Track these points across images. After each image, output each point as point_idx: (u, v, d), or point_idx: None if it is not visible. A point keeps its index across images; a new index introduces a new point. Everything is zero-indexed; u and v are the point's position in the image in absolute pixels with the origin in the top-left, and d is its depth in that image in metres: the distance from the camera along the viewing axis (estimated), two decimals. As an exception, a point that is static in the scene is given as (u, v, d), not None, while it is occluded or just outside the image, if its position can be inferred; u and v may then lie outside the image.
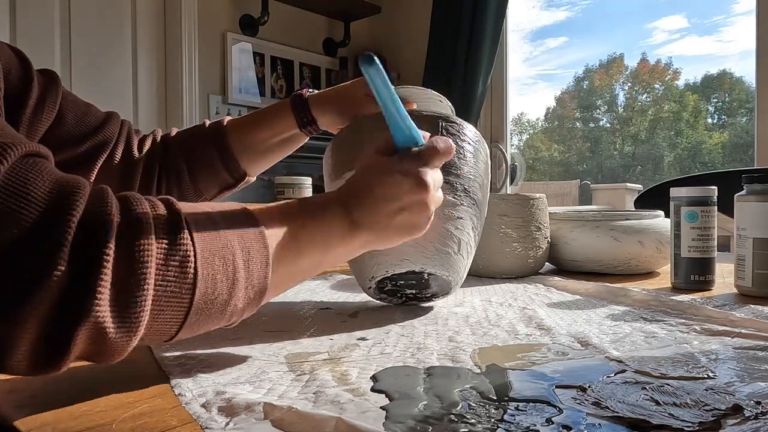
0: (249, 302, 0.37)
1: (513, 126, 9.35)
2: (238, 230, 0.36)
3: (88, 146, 0.64)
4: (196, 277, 0.33)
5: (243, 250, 0.36)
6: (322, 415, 0.31)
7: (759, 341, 0.48)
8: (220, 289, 0.34)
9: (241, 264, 0.35)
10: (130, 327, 0.31)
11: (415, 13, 2.89)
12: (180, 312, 0.33)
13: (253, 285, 0.37)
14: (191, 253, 0.33)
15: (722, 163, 10.32)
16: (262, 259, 0.37)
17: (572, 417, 0.32)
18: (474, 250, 0.62)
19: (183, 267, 0.32)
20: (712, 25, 15.40)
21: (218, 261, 0.34)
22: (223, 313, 0.36)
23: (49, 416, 0.32)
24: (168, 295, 0.32)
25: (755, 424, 0.31)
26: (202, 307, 0.34)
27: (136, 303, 0.30)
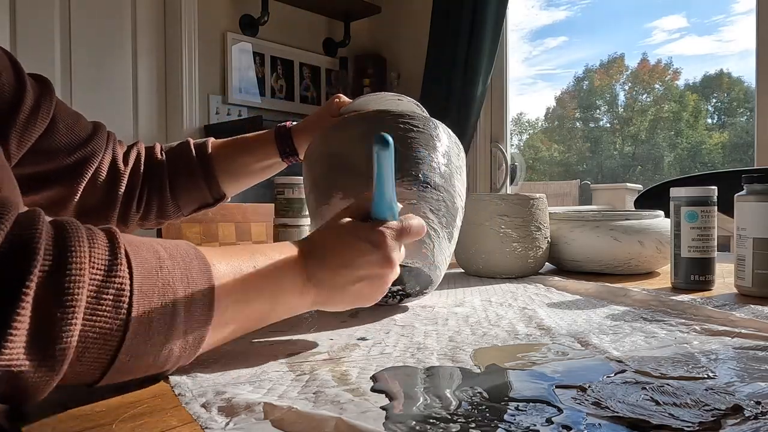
0: (186, 348, 0.35)
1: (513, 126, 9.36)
2: (184, 269, 0.34)
3: (76, 158, 0.64)
4: (129, 314, 0.30)
5: (185, 290, 0.33)
6: (322, 415, 0.31)
7: (759, 341, 0.48)
8: (156, 329, 0.32)
9: (182, 306, 0.33)
10: (53, 366, 0.28)
11: (415, 13, 2.89)
12: (108, 352, 0.31)
13: (192, 330, 0.34)
14: (126, 288, 0.30)
15: (722, 163, 10.31)
16: (205, 302, 0.35)
17: (572, 417, 0.32)
18: (447, 233, 0.60)
19: (116, 302, 0.30)
20: (712, 24, 15.40)
21: (157, 299, 0.32)
22: (157, 358, 0.33)
23: (49, 416, 0.32)
24: (97, 332, 0.29)
25: (755, 424, 0.31)
26: (134, 350, 0.31)
27: (61, 339, 0.28)
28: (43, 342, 0.27)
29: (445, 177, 0.61)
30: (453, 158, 0.63)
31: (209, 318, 0.35)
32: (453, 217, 0.62)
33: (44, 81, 0.61)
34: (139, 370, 0.34)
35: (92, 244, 0.30)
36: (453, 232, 0.62)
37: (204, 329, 0.35)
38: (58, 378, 0.29)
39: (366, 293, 0.46)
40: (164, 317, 0.32)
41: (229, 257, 0.39)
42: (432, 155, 0.60)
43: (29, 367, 0.27)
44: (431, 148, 0.61)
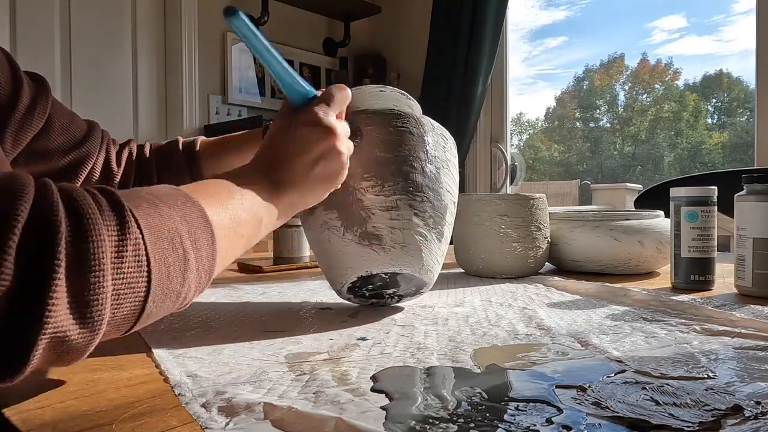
0: (200, 282, 0.37)
1: (513, 126, 9.34)
2: (179, 210, 0.36)
3: (71, 158, 0.64)
4: (149, 264, 0.32)
5: (188, 230, 0.36)
6: (322, 415, 0.31)
7: (759, 341, 0.48)
8: (174, 272, 0.34)
9: (189, 244, 0.35)
10: (93, 327, 0.30)
11: (415, 13, 2.89)
12: (138, 302, 0.32)
13: (203, 264, 0.37)
14: (141, 242, 0.32)
15: (722, 163, 10.31)
16: (207, 236, 0.37)
17: (572, 417, 0.32)
18: (436, 233, 0.59)
19: (136, 256, 0.31)
20: (712, 24, 15.39)
21: (167, 245, 0.34)
22: (178, 297, 0.35)
23: (48, 416, 0.32)
24: (125, 288, 0.31)
25: (755, 424, 0.31)
26: (159, 295, 0.33)
27: (97, 301, 0.29)
28: (81, 306, 0.29)
29: (430, 175, 0.58)
30: (439, 152, 0.60)
31: (214, 251, 0.38)
32: (441, 216, 0.59)
33: (41, 80, 0.61)
34: (164, 311, 0.35)
35: (100, 207, 0.31)
36: (443, 230, 0.60)
37: (212, 261, 0.38)
38: (99, 337, 0.31)
39: (329, 171, 0.49)
40: (178, 260, 0.34)
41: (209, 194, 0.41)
42: (413, 154, 0.58)
43: (73, 332, 0.29)
44: (411, 147, 0.58)
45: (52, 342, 0.28)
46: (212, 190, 0.41)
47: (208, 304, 0.67)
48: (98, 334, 0.30)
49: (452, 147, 0.64)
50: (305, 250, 1.08)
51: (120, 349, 0.48)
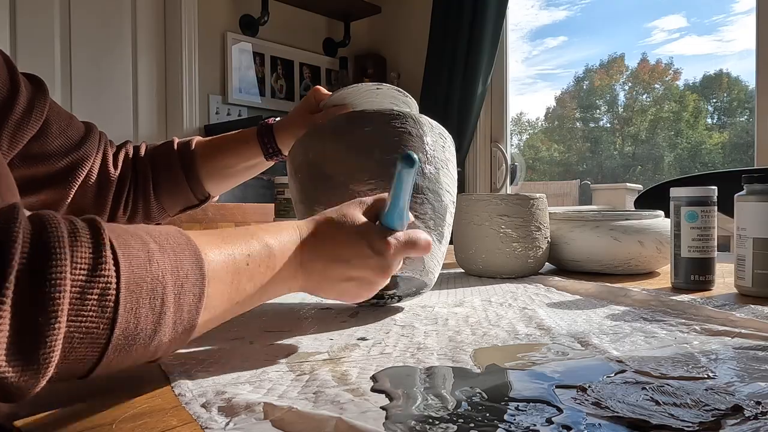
0: (175, 338, 0.34)
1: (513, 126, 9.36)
2: (173, 258, 0.33)
3: (68, 162, 0.63)
4: (116, 311, 0.29)
5: (175, 284, 0.33)
6: (322, 415, 0.31)
7: (759, 341, 0.48)
8: (144, 324, 0.31)
9: (171, 298, 0.32)
10: (38, 369, 0.27)
11: (415, 14, 2.89)
12: (96, 350, 0.30)
13: (182, 320, 0.34)
14: (113, 285, 0.29)
15: (722, 163, 10.31)
16: (195, 294, 0.34)
17: (572, 417, 0.32)
18: (437, 234, 0.58)
19: (102, 300, 0.29)
20: (712, 24, 15.39)
21: (145, 294, 0.31)
22: (146, 350, 0.33)
23: (49, 416, 0.32)
24: (83, 332, 0.29)
25: (755, 424, 0.31)
26: (122, 344, 0.31)
27: (45, 344, 0.27)
28: (26, 347, 0.27)
29: (430, 176, 0.58)
30: (438, 153, 0.60)
31: (199, 309, 0.35)
32: (442, 217, 0.59)
33: (38, 81, 0.60)
34: (128, 362, 0.33)
35: (74, 241, 0.29)
36: (443, 231, 0.60)
37: (194, 319, 0.34)
38: (44, 381, 0.29)
39: (353, 292, 0.47)
40: (152, 313, 0.31)
41: (222, 244, 0.38)
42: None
43: (13, 373, 0.27)
44: (410, 148, 0.57)
45: None
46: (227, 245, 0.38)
47: (208, 304, 0.67)
48: (43, 377, 0.28)
49: (451, 146, 0.64)
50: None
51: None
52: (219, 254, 0.37)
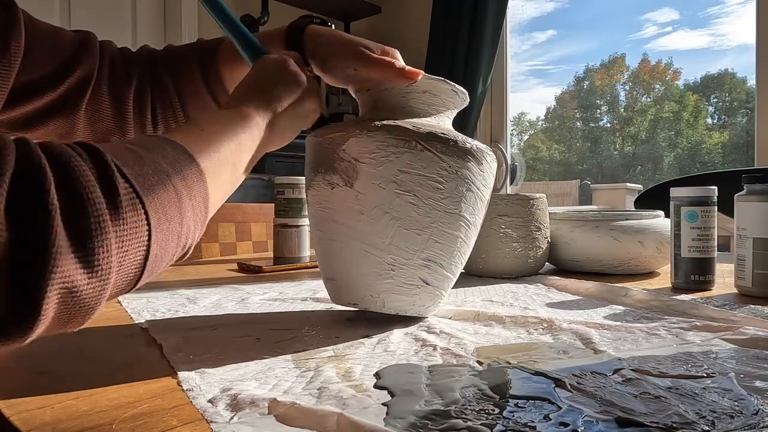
0: (197, 220, 0.37)
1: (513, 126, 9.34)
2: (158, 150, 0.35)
3: (67, 86, 0.57)
4: (144, 207, 0.31)
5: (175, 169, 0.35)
6: (324, 411, 0.31)
7: (759, 341, 0.48)
8: (170, 212, 0.34)
9: (179, 182, 0.35)
10: (101, 275, 0.29)
11: (415, 13, 2.89)
12: (142, 246, 0.32)
13: (196, 200, 0.36)
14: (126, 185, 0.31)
15: (722, 163, 10.32)
16: (195, 173, 0.37)
17: (571, 415, 0.32)
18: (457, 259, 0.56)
19: (130, 201, 0.31)
20: (705, 17, 15.35)
21: (157, 185, 0.33)
22: (180, 237, 0.35)
23: (48, 416, 0.32)
24: (127, 232, 0.30)
25: (754, 425, 0.31)
26: (161, 238, 0.33)
27: (102, 247, 0.28)
28: (86, 254, 0.28)
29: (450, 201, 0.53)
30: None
31: (205, 184, 0.37)
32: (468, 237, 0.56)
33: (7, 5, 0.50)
34: (169, 255, 0.35)
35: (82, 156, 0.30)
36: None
37: (205, 196, 0.38)
38: (110, 287, 0.30)
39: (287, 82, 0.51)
40: (171, 198, 0.34)
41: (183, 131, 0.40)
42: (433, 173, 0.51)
43: (81, 281, 0.28)
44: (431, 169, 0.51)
45: (61, 294, 0.27)
46: (184, 129, 0.41)
47: (211, 303, 0.67)
48: (108, 283, 0.30)
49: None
50: (305, 250, 1.08)
51: (121, 349, 0.48)
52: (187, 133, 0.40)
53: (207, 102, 0.66)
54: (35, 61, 0.54)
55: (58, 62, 0.56)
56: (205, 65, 0.64)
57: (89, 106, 0.60)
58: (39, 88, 0.55)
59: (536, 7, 15.99)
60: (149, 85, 0.64)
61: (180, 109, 0.66)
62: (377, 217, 0.50)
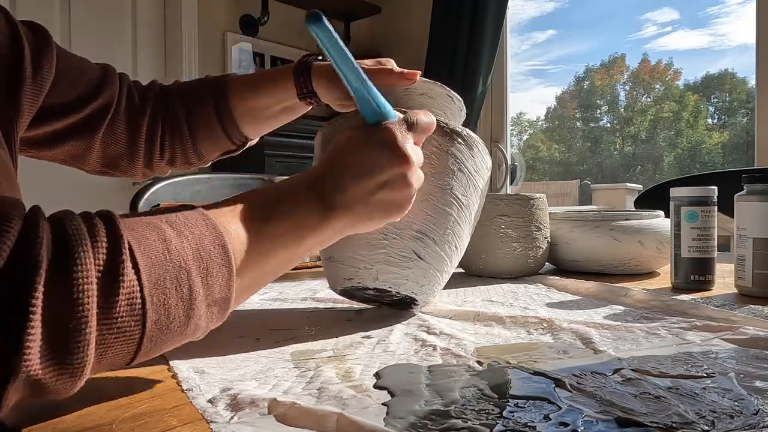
0: (212, 318, 0.34)
1: (513, 126, 9.31)
2: (192, 241, 0.33)
3: (89, 111, 0.59)
4: (144, 307, 0.30)
5: (199, 266, 0.32)
6: (324, 411, 0.31)
7: (759, 341, 0.48)
8: (176, 313, 0.31)
9: (198, 282, 0.32)
10: (73, 371, 0.28)
11: (415, 13, 2.89)
12: (131, 345, 0.30)
13: (215, 301, 0.34)
14: (135, 282, 0.29)
15: (722, 163, 10.32)
16: (223, 272, 0.34)
17: (570, 415, 0.32)
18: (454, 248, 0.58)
19: (129, 298, 0.29)
20: (705, 17, 15.35)
21: (170, 284, 0.31)
22: (184, 334, 0.33)
23: (49, 416, 0.32)
24: (115, 332, 0.29)
25: (754, 424, 0.31)
26: (157, 335, 0.31)
27: (78, 347, 0.27)
28: (59, 352, 0.27)
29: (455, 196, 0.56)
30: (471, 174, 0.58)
31: (230, 287, 0.34)
32: (464, 229, 0.59)
33: (40, 31, 0.54)
34: (171, 345, 0.33)
35: (94, 242, 0.29)
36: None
37: (228, 297, 0.34)
38: (82, 381, 0.29)
39: (392, 200, 0.43)
40: (182, 300, 0.31)
41: (240, 214, 0.37)
42: (447, 173, 0.55)
43: (49, 377, 0.27)
44: (449, 167, 0.55)
45: (26, 386, 0.27)
46: (245, 213, 0.37)
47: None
48: (81, 377, 0.29)
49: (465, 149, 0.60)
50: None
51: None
52: (240, 225, 0.36)
53: (218, 133, 0.68)
54: (63, 87, 0.57)
55: (83, 89, 0.59)
56: (216, 99, 0.67)
57: (107, 130, 0.62)
58: (63, 112, 0.57)
59: (536, 6, 16.02)
60: (161, 114, 0.67)
61: (189, 138, 0.68)
62: None
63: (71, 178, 0.71)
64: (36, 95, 0.52)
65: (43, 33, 0.54)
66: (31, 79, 0.51)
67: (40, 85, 0.52)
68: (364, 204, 0.42)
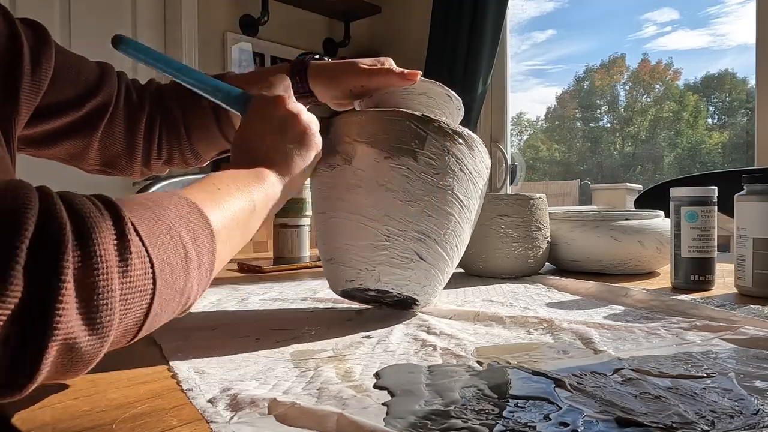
0: (202, 279, 0.37)
1: (513, 126, 9.31)
2: (174, 211, 0.35)
3: (88, 109, 0.60)
4: (153, 266, 0.32)
5: (186, 230, 0.35)
6: (324, 411, 0.31)
7: (759, 341, 0.48)
8: (177, 271, 0.34)
9: (189, 242, 0.35)
10: (102, 333, 0.29)
11: (415, 13, 2.89)
12: (145, 305, 0.32)
13: (204, 261, 0.37)
14: (139, 242, 0.31)
15: (722, 163, 10.32)
16: (206, 233, 0.37)
17: (570, 415, 0.32)
18: (455, 248, 0.58)
19: (139, 257, 0.31)
20: (705, 17, 15.35)
21: (168, 244, 0.33)
22: (182, 296, 0.35)
23: (49, 416, 0.32)
24: (133, 290, 0.31)
25: (754, 425, 0.31)
26: (164, 295, 0.33)
27: (106, 306, 0.29)
28: (90, 312, 0.29)
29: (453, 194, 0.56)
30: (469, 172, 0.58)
31: (213, 246, 0.37)
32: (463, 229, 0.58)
33: (38, 28, 0.54)
34: (169, 313, 0.35)
35: (101, 213, 0.31)
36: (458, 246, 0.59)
37: (212, 257, 0.37)
38: (108, 344, 0.30)
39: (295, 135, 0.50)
40: (179, 258, 0.34)
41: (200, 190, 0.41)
42: (443, 170, 0.55)
43: (82, 338, 0.28)
44: (450, 166, 0.55)
45: (61, 349, 0.28)
46: (202, 187, 0.41)
47: (212, 304, 0.67)
48: (107, 340, 0.30)
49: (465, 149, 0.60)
50: (305, 250, 1.08)
51: (121, 349, 0.48)
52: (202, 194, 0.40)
53: (214, 133, 0.69)
54: (62, 85, 0.57)
55: (82, 87, 0.59)
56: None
57: (105, 129, 0.63)
58: (62, 110, 0.58)
59: (536, 6, 16.02)
60: (159, 114, 0.68)
61: (185, 138, 0.69)
62: (373, 189, 0.53)
63: (71, 177, 0.71)
64: (34, 92, 0.53)
65: (41, 31, 0.54)
66: (30, 76, 0.52)
67: (38, 83, 0.53)
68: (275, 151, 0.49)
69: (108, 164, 0.66)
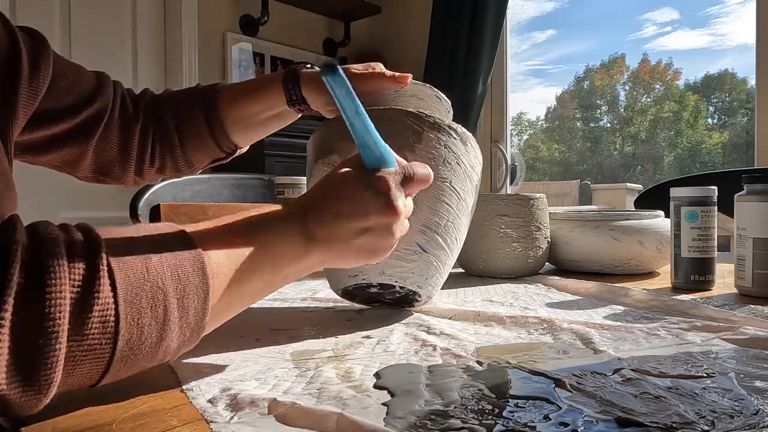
0: (185, 341, 0.34)
1: (513, 126, 9.31)
2: (172, 262, 0.32)
3: (84, 117, 0.60)
4: (117, 325, 0.29)
5: (176, 287, 0.32)
6: (324, 411, 0.31)
7: (759, 341, 0.48)
8: (148, 333, 0.31)
9: (174, 303, 0.32)
10: (39, 389, 0.27)
11: (415, 13, 2.89)
12: (100, 364, 0.30)
13: (188, 323, 0.33)
14: (110, 302, 0.29)
15: (722, 163, 10.33)
16: (200, 294, 0.33)
17: (570, 415, 0.32)
18: (450, 242, 0.58)
19: (102, 317, 0.29)
20: (705, 16, 15.34)
21: (145, 303, 0.31)
22: (154, 356, 0.33)
23: (49, 416, 0.32)
24: (85, 350, 0.29)
25: (754, 425, 0.31)
26: (127, 355, 0.31)
27: (45, 365, 0.27)
28: (26, 368, 0.27)
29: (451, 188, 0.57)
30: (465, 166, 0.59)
31: (205, 310, 0.34)
32: (461, 222, 0.59)
33: (37, 36, 0.54)
34: (136, 369, 0.33)
35: (71, 258, 0.28)
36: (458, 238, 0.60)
37: (201, 321, 0.34)
38: (48, 399, 0.29)
39: (373, 246, 0.43)
40: (156, 321, 0.31)
41: (221, 235, 0.37)
42: (446, 167, 0.56)
43: (14, 393, 0.27)
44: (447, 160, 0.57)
45: None
46: (228, 238, 0.37)
47: (210, 303, 0.67)
48: (47, 394, 0.28)
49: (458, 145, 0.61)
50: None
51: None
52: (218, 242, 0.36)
53: (208, 143, 0.69)
54: (59, 92, 0.57)
55: (78, 95, 0.60)
56: (207, 109, 0.68)
57: (100, 137, 0.63)
58: (58, 117, 0.58)
59: (536, 6, 16.03)
60: (153, 123, 0.68)
61: (179, 147, 0.69)
62: None
63: (71, 179, 0.71)
64: (32, 97, 0.53)
65: (40, 38, 0.55)
66: (28, 81, 0.52)
67: (36, 88, 0.53)
68: (344, 244, 0.42)
69: (101, 172, 0.67)
